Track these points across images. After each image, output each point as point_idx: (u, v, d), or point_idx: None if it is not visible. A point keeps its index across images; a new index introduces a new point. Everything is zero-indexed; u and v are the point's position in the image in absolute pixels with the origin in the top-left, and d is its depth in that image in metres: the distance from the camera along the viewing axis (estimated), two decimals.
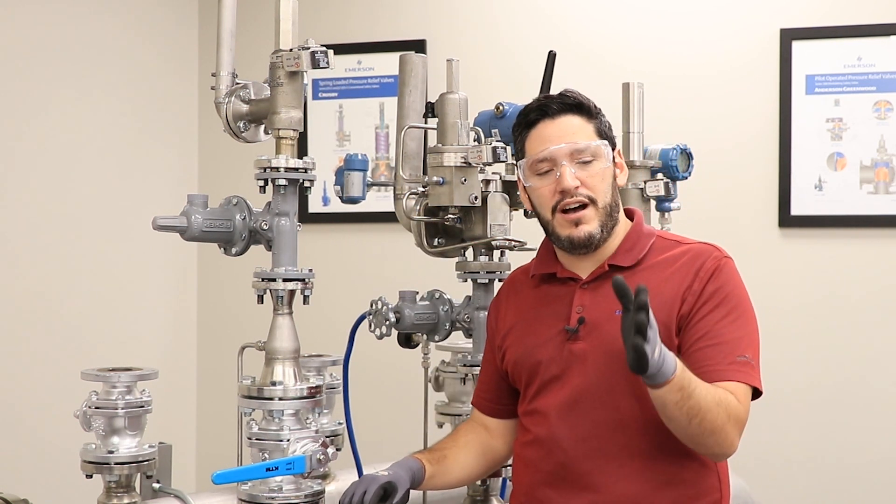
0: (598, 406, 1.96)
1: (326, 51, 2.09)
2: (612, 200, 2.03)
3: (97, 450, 2.22)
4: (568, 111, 2.02)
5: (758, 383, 1.93)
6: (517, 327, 2.11)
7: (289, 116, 2.13)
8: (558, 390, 2.00)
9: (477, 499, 2.43)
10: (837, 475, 3.78)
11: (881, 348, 3.78)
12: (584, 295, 2.03)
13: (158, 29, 4.34)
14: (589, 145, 2.00)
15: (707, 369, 1.89)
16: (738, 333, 1.93)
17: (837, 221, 3.82)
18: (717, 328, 1.93)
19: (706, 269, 1.97)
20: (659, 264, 2.02)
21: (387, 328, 2.35)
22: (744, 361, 1.91)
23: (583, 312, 2.01)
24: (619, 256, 2.03)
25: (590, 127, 2.02)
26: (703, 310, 1.94)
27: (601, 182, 2.00)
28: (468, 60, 2.85)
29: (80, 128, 3.94)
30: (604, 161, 2.01)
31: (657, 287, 1.95)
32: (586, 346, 1.98)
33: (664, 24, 4.00)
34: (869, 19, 3.79)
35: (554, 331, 2.03)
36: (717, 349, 1.91)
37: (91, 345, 3.90)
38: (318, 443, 2.06)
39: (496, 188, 2.39)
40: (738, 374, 1.90)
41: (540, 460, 2.02)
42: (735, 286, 1.98)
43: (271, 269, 2.13)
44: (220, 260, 2.34)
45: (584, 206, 1.99)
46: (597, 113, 2.05)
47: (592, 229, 2.00)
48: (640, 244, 2.05)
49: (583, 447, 1.97)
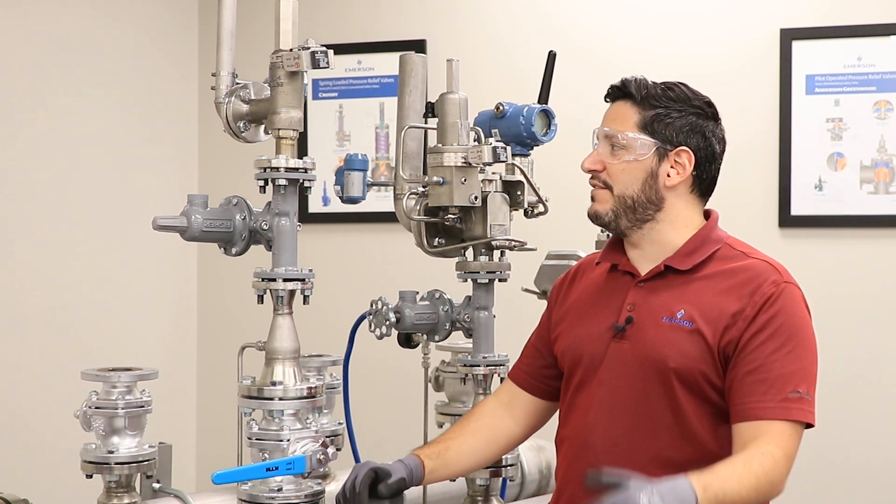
0: (632, 411, 1.95)
1: (326, 51, 2.09)
2: (639, 195, 1.99)
3: (97, 450, 2.22)
4: (622, 97, 2.03)
5: (809, 418, 1.87)
6: (572, 314, 2.10)
7: (289, 116, 2.13)
8: (596, 389, 2.00)
9: (477, 499, 2.43)
10: (837, 475, 3.77)
11: (881, 348, 3.78)
12: (637, 293, 2.01)
13: (158, 29, 4.34)
14: (616, 135, 1.99)
15: (755, 406, 1.86)
16: (791, 367, 1.88)
17: (837, 221, 3.81)
18: (769, 361, 1.87)
19: (762, 293, 1.91)
20: (717, 275, 1.97)
21: (387, 328, 2.35)
22: (796, 398, 1.86)
23: (633, 311, 1.99)
24: (676, 258, 2.00)
25: (635, 118, 1.99)
26: (755, 340, 1.89)
27: (621, 173, 1.99)
28: (468, 60, 2.84)
29: (80, 128, 3.94)
30: (633, 154, 1.98)
31: (709, 300, 1.93)
32: (629, 348, 1.97)
33: (664, 24, 3.99)
34: (869, 19, 3.79)
35: (604, 325, 2.01)
36: (767, 384, 1.86)
37: (91, 345, 3.90)
38: (318, 443, 2.06)
39: (496, 188, 2.39)
40: (787, 411, 1.85)
41: (574, 459, 2.02)
42: (791, 314, 1.91)
43: (271, 269, 2.13)
44: (220, 260, 2.34)
45: (600, 189, 2.02)
46: (655, 105, 2.00)
47: (600, 209, 2.02)
48: (702, 249, 2.00)
49: (614, 451, 1.95)
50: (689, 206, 2.04)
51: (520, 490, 2.79)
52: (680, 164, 2.00)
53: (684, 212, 2.03)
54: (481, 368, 2.40)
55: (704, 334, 1.91)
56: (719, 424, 1.93)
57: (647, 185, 1.99)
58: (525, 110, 2.40)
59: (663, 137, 1.99)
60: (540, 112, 2.41)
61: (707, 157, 2.03)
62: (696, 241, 2.01)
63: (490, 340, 2.44)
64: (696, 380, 1.91)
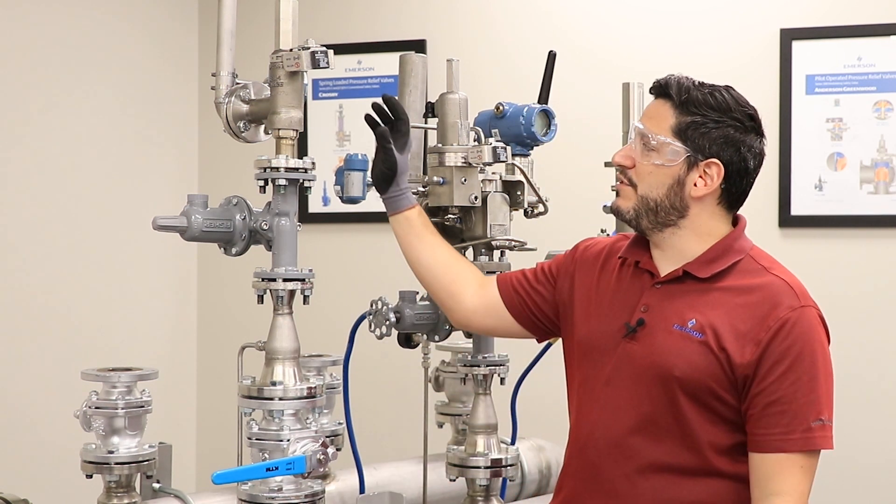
0: (635, 415, 1.94)
1: (326, 51, 2.09)
2: (662, 200, 1.95)
3: (97, 450, 2.22)
4: (662, 95, 1.98)
5: (830, 444, 1.87)
6: (592, 301, 2.07)
7: (289, 116, 2.13)
8: (602, 388, 1.99)
9: (477, 499, 2.43)
10: (837, 475, 3.77)
11: (881, 348, 3.78)
12: (652, 294, 1.98)
13: (158, 29, 4.34)
14: (649, 136, 1.95)
15: (779, 439, 1.86)
16: (812, 395, 1.87)
17: (837, 221, 3.81)
18: (790, 392, 1.86)
19: (776, 318, 1.88)
20: (734, 289, 1.94)
21: (387, 328, 2.34)
22: (819, 426, 1.86)
23: (645, 314, 1.97)
24: (696, 265, 1.96)
25: (671, 121, 1.95)
26: (775, 370, 1.86)
27: (648, 175, 1.95)
28: (468, 60, 2.84)
29: (80, 128, 3.94)
30: (662, 159, 1.94)
31: (723, 314, 1.91)
32: (639, 350, 1.95)
33: (664, 24, 3.99)
34: (869, 19, 3.79)
35: (617, 323, 2.00)
36: (790, 416, 1.86)
37: (91, 345, 3.90)
38: (318, 443, 2.06)
39: (496, 188, 2.39)
40: (810, 442, 1.86)
41: (575, 456, 2.03)
42: (809, 341, 1.89)
43: (271, 269, 2.13)
44: (220, 260, 2.34)
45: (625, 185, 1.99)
46: (694, 111, 1.94)
47: (622, 205, 1.99)
48: (723, 258, 1.96)
49: (613, 453, 1.95)
50: (714, 218, 1.99)
51: (520, 490, 2.79)
52: (709, 175, 1.95)
53: (708, 222, 1.98)
54: (481, 368, 2.40)
55: (713, 347, 1.89)
56: (721, 433, 1.92)
57: (673, 191, 1.95)
58: (525, 110, 2.40)
59: (696, 146, 1.93)
60: (540, 112, 2.41)
61: (738, 171, 1.96)
62: (718, 249, 1.97)
63: (490, 341, 2.44)
64: (701, 390, 1.90)
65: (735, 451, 1.93)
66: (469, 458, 2.38)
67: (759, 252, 2.02)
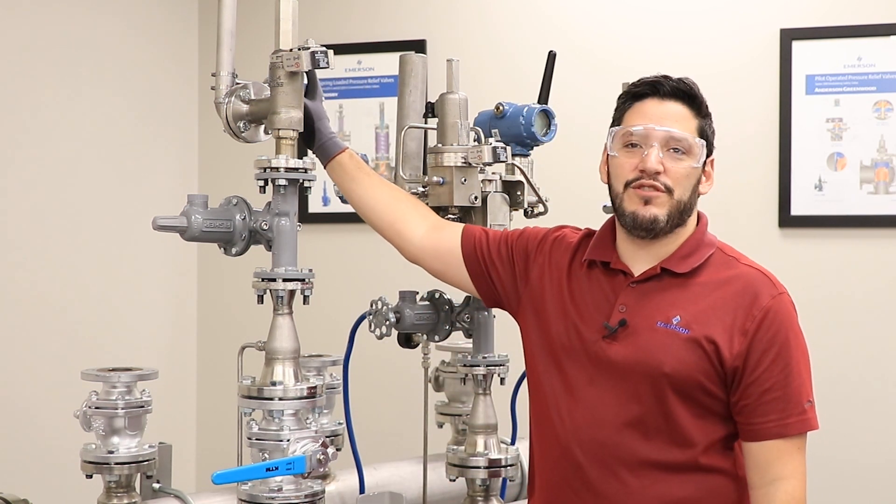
0: (621, 415, 1.94)
1: (326, 51, 2.09)
2: (689, 202, 1.97)
3: (97, 450, 2.22)
4: (679, 98, 1.98)
5: (818, 424, 1.95)
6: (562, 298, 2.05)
7: (289, 116, 2.13)
8: (583, 389, 1.98)
9: (477, 499, 2.43)
10: (837, 475, 3.77)
11: (881, 348, 3.78)
12: (630, 294, 1.98)
13: (158, 29, 4.34)
14: (686, 138, 1.95)
15: (777, 424, 1.90)
16: (800, 378, 1.92)
17: (837, 221, 3.81)
18: (782, 378, 1.91)
19: (759, 307, 1.92)
20: (713, 282, 1.96)
21: (387, 328, 2.34)
22: (809, 407, 1.92)
23: (626, 314, 1.96)
24: (674, 261, 1.98)
25: (694, 122, 1.97)
26: (764, 359, 1.90)
27: (685, 179, 1.96)
28: (468, 60, 2.85)
29: (80, 128, 3.94)
30: (694, 160, 1.96)
31: (706, 308, 1.93)
32: (622, 352, 1.95)
33: (664, 24, 3.99)
34: (869, 19, 3.79)
35: (595, 324, 1.98)
36: (784, 401, 1.91)
37: (91, 345, 3.90)
38: (318, 443, 2.06)
39: (496, 188, 2.39)
40: (807, 423, 1.92)
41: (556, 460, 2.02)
42: (790, 326, 1.94)
43: (271, 269, 2.13)
44: (220, 260, 2.34)
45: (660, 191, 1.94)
46: (706, 113, 2.00)
47: (659, 213, 1.94)
48: (698, 253, 1.99)
49: (600, 454, 1.95)
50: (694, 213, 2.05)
51: (520, 490, 2.79)
52: (707, 171, 2.02)
53: (694, 217, 2.03)
54: (481, 368, 2.40)
55: (701, 342, 1.90)
56: (710, 428, 1.94)
57: (693, 192, 1.99)
58: (525, 110, 2.40)
59: (710, 146, 2.00)
60: (540, 112, 2.41)
61: None
62: (691, 243, 2.00)
63: (490, 341, 2.44)
64: (690, 386, 1.91)
65: (723, 444, 1.96)
66: (469, 458, 2.38)
67: (724, 245, 2.06)
